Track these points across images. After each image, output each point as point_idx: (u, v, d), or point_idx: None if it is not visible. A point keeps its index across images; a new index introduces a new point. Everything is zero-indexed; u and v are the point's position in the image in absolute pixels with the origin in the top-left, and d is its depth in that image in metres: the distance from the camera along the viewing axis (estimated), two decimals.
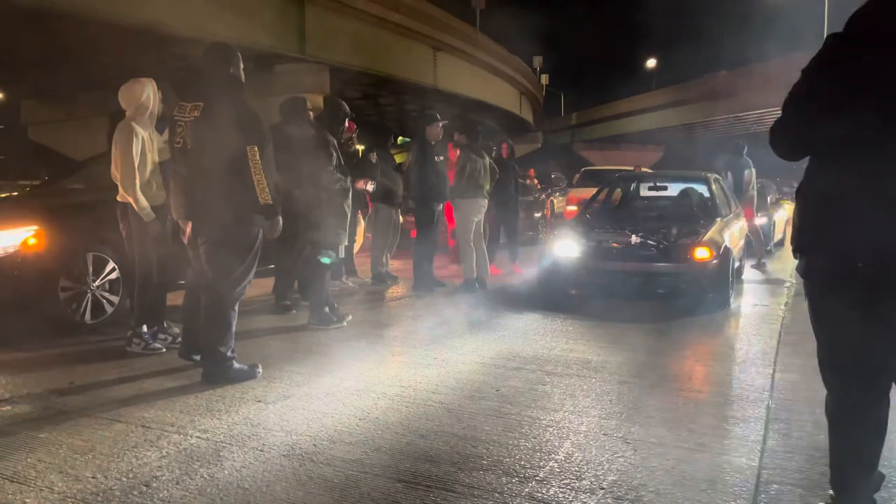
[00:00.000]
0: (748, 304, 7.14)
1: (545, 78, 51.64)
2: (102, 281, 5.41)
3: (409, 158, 7.62)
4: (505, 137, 10.37)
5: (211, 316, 4.11)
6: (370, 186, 7.12)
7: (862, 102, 2.07)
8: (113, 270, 5.46)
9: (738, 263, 7.63)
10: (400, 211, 8.04)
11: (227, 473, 2.86)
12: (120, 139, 4.62)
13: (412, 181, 7.36)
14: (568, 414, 3.64)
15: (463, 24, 23.92)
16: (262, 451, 3.09)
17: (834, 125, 2.13)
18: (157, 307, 4.88)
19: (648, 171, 17.07)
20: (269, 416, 3.55)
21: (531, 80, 37.56)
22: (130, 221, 4.71)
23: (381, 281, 7.91)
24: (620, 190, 9.15)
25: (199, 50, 4.46)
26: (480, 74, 25.95)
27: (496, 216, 8.89)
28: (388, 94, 23.00)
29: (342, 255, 6.13)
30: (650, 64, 57.59)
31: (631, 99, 46.50)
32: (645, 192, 9.06)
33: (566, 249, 6.78)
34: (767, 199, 11.65)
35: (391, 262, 8.33)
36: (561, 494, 2.70)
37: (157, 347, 4.77)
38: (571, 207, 14.76)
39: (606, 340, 5.32)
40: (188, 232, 4.19)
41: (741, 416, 3.65)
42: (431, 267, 7.61)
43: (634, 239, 6.52)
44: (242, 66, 4.22)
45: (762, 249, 9.95)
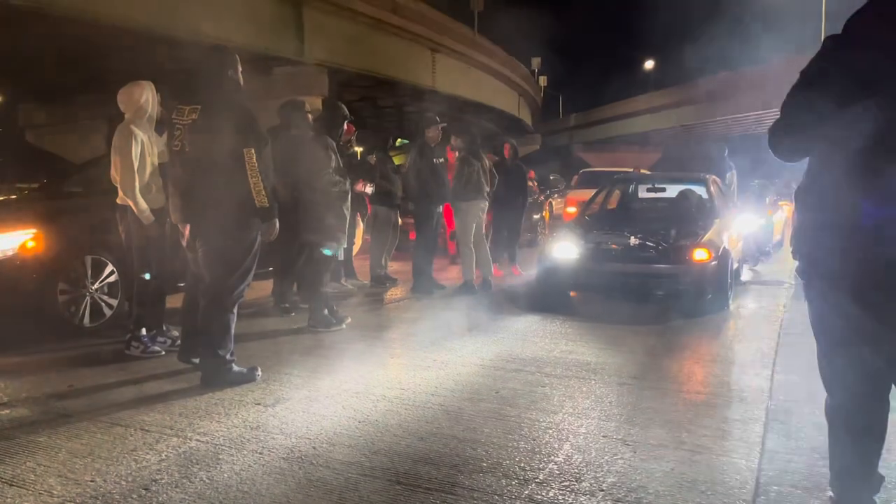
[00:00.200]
0: (747, 305, 7.14)
1: (543, 80, 51.80)
2: (101, 284, 5.40)
3: (408, 160, 7.62)
4: (507, 138, 10.39)
5: (210, 319, 4.10)
6: (369, 188, 7.13)
7: (860, 104, 2.07)
8: (112, 273, 5.45)
9: (736, 265, 7.64)
10: (399, 213, 8.05)
11: (226, 476, 2.85)
12: (119, 142, 4.62)
13: (411, 183, 7.37)
14: (567, 416, 3.64)
15: (461, 25, 23.95)
16: (261, 453, 3.09)
17: (832, 127, 2.13)
18: (156, 310, 4.87)
19: (647, 172, 17.08)
20: (268, 418, 3.55)
21: (529, 81, 37.64)
22: (130, 224, 4.71)
23: (380, 283, 7.91)
24: (619, 191, 9.15)
25: (197, 53, 4.46)
26: (479, 76, 26.01)
27: (499, 216, 8.88)
28: (386, 96, 23.02)
29: (341, 257, 6.13)
30: (648, 65, 57.71)
31: (629, 101, 46.50)
32: (643, 193, 9.06)
33: (565, 251, 6.78)
34: (766, 200, 11.65)
35: (390, 264, 8.33)
36: (560, 496, 2.70)
37: (156, 350, 4.76)
38: (570, 209, 14.76)
39: (606, 342, 5.32)
40: (187, 235, 4.19)
41: (740, 417, 3.64)
42: (431, 269, 7.61)
43: (633, 240, 6.52)
44: (241, 68, 4.23)
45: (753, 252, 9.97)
